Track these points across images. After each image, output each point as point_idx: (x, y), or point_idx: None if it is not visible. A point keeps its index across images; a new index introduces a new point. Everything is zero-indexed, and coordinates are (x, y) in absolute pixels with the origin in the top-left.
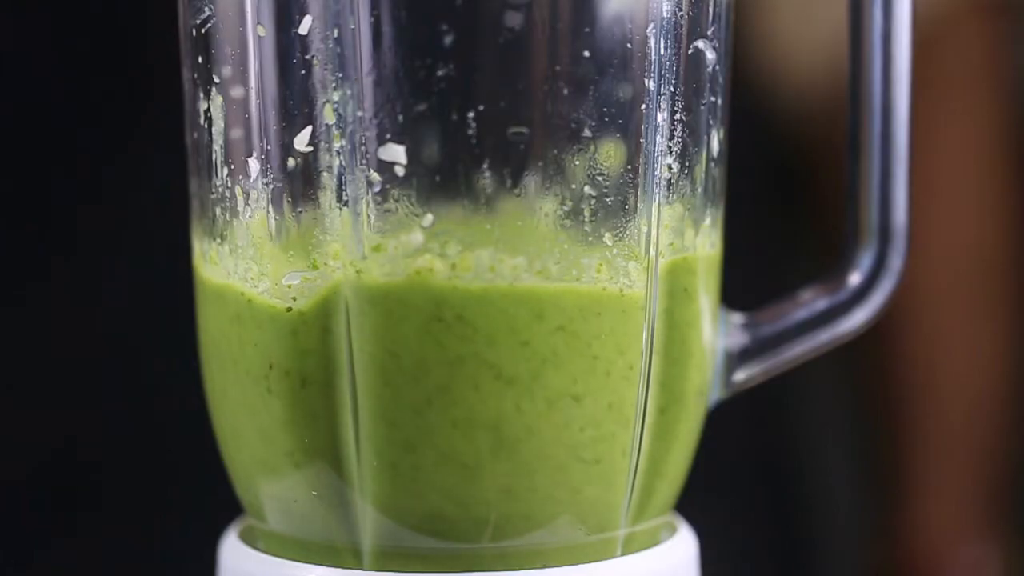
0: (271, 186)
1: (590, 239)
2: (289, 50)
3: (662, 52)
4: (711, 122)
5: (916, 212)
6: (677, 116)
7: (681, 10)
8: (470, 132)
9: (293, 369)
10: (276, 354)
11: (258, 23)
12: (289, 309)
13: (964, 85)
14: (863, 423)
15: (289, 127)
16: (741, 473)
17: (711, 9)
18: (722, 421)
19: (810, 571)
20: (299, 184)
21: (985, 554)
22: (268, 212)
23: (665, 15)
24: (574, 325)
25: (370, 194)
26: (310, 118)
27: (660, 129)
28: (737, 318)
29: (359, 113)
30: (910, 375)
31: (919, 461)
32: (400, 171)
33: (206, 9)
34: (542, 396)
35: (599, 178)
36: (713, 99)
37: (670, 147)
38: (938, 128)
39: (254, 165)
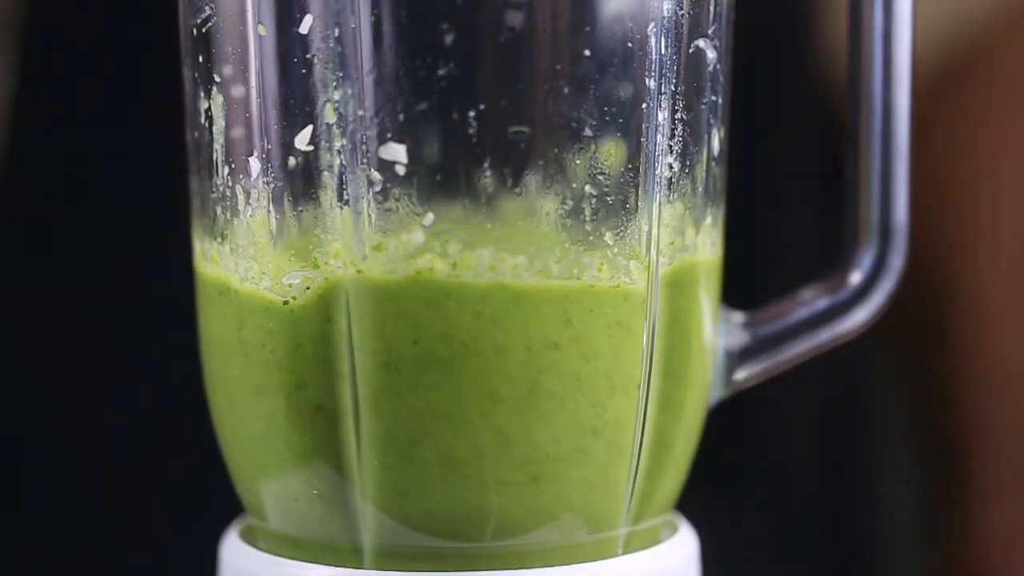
0: (272, 185)
1: (591, 238)
2: (290, 49)
3: (663, 51)
4: (712, 121)
5: (983, 214)
6: (678, 115)
7: (682, 9)
8: (471, 131)
9: (293, 368)
10: (277, 353)
11: (259, 22)
12: (289, 307)
13: None
14: (924, 428)
15: (290, 126)
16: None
17: (712, 8)
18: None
19: None
20: (300, 183)
21: None
22: (269, 211)
23: (666, 14)
24: (574, 324)
25: (371, 193)
26: (311, 117)
27: (661, 128)
28: (737, 317)
29: (360, 112)
30: (975, 381)
31: (981, 470)
32: (401, 170)
33: (207, 8)
34: (543, 395)
35: (600, 177)
36: (714, 98)
37: (671, 146)
38: (1003, 132)
39: (255, 164)
